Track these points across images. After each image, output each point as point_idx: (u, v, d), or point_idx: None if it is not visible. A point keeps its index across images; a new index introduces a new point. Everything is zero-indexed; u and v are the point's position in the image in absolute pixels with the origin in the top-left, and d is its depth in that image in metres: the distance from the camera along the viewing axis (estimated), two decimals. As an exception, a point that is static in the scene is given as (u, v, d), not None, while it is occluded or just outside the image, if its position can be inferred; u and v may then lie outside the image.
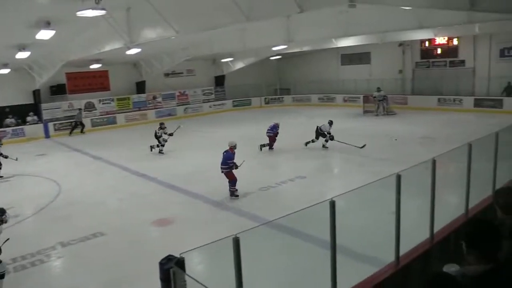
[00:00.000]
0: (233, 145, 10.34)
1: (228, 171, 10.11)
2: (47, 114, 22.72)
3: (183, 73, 28.87)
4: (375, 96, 23.47)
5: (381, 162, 12.42)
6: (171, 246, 5.56)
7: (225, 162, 10.11)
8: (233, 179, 10.14)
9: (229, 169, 10.09)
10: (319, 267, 4.81)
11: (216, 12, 11.00)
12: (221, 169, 10.23)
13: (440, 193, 5.76)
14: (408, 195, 4.93)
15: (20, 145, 19.81)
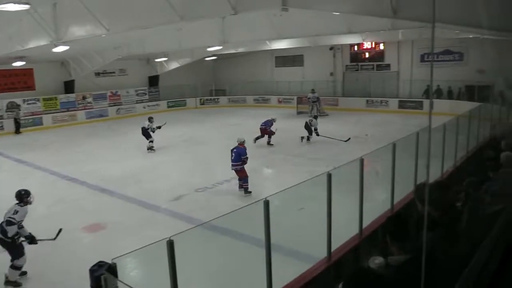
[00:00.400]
0: (242, 141, 10.54)
1: (241, 167, 10.13)
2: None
3: (115, 73, 27.84)
4: (309, 97, 24.20)
5: (315, 161, 12.83)
6: (103, 252, 5.36)
7: (239, 158, 10.11)
8: (245, 176, 10.16)
9: (242, 164, 10.11)
10: (255, 266, 4.88)
11: (149, 11, 10.75)
12: (233, 166, 10.25)
13: (369, 190, 6.07)
14: (339, 192, 5.15)
15: None
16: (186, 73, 29.70)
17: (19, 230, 6.37)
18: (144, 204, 9.83)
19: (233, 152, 10.31)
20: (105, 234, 8.18)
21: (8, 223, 6.14)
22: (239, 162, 10.17)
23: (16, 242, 6.27)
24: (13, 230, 6.19)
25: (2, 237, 6.19)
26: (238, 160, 10.17)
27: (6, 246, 6.32)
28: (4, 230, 6.17)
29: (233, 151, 10.30)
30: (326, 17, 14.31)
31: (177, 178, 11.97)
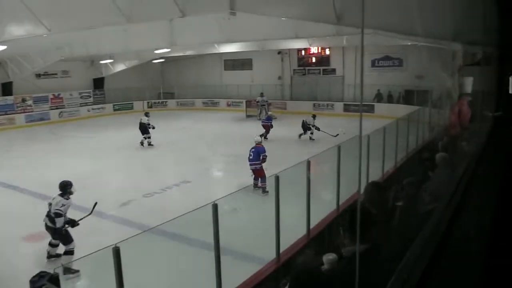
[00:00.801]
0: (260, 141, 10.81)
1: (260, 166, 10.13)
2: None
3: (58, 75, 26.62)
4: (258, 101, 24.44)
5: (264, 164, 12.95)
6: (45, 262, 5.16)
7: (258, 156, 10.15)
8: (263, 175, 10.07)
9: (262, 163, 10.14)
10: (205, 270, 4.87)
11: (94, 11, 10.42)
12: (252, 165, 10.28)
13: (315, 191, 6.25)
14: (288, 194, 5.26)
15: None
16: (133, 75, 29.01)
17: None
18: (89, 210, 9.47)
19: (251, 151, 10.40)
20: (46, 243, 7.79)
21: (56, 215, 6.83)
22: (258, 161, 10.23)
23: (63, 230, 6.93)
24: (61, 222, 6.88)
25: (52, 226, 6.89)
26: (257, 159, 10.24)
27: (56, 235, 6.98)
28: (53, 221, 6.84)
29: (252, 151, 10.39)
30: (274, 22, 14.53)
31: (124, 183, 11.66)
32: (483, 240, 2.22)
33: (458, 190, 2.77)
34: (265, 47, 23.54)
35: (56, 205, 6.95)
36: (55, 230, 6.90)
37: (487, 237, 2.24)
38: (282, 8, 8.84)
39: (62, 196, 7.10)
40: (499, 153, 4.45)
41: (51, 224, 6.90)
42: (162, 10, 9.75)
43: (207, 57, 28.80)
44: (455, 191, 2.77)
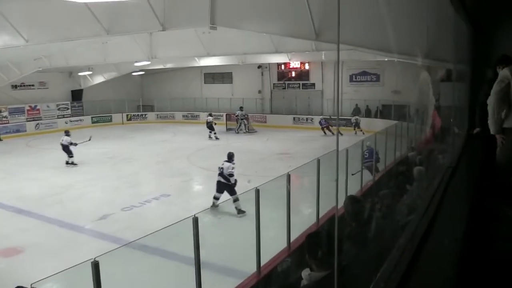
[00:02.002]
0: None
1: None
2: None
3: (35, 86, 26.16)
4: (237, 114, 24.53)
5: (243, 177, 12.96)
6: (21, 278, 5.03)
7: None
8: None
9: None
10: (185, 285, 4.84)
11: (73, 22, 10.35)
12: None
13: (296, 204, 6.30)
14: (267, 208, 5.29)
15: None
16: (112, 87, 28.73)
17: None
18: (65, 225, 9.31)
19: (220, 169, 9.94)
20: (22, 258, 7.61)
21: (230, 175, 9.62)
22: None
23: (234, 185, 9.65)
24: (234, 179, 9.66)
25: (227, 183, 9.62)
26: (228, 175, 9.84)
27: (228, 188, 9.63)
28: (228, 179, 9.62)
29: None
30: (254, 36, 14.71)
31: (102, 197, 11.50)
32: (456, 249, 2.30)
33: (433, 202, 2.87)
34: (246, 61, 23.74)
35: (228, 169, 9.67)
36: (229, 186, 9.60)
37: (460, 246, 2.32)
38: (261, 24, 8.97)
39: (230, 162, 9.80)
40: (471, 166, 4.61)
41: (225, 181, 9.65)
42: (142, 23, 9.76)
43: (187, 70, 28.84)
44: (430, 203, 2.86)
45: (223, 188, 9.61)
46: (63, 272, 3.21)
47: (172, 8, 9.09)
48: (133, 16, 9.67)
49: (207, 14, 8.56)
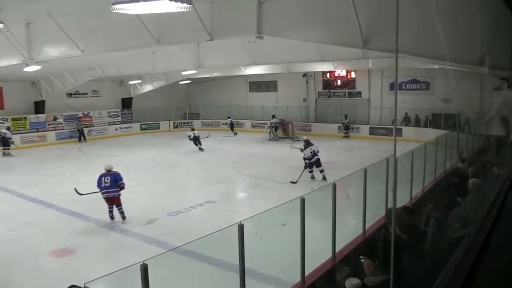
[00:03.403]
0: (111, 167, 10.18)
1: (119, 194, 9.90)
2: None
3: (88, 94, 27.51)
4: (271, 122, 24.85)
5: (287, 186, 12.93)
6: (72, 278, 5.25)
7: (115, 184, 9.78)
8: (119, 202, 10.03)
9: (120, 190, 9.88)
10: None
11: (126, 33, 10.78)
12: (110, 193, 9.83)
13: (340, 214, 6.18)
14: (311, 217, 5.22)
15: None
16: (160, 96, 29.65)
17: None
18: (114, 228, 9.64)
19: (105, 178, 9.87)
20: (75, 259, 7.94)
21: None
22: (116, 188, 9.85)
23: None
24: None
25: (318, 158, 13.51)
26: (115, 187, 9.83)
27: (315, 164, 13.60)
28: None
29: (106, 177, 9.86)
30: (299, 45, 14.70)
31: (149, 202, 11.81)
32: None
33: (489, 216, 2.72)
34: (290, 69, 23.77)
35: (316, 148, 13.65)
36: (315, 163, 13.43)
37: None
38: (308, 32, 8.96)
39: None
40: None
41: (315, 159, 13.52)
42: (191, 33, 10.00)
43: (233, 78, 29.25)
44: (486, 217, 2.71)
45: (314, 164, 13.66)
46: (113, 273, 3.30)
47: (220, 18, 9.26)
48: (182, 27, 9.94)
49: (253, 23, 8.68)
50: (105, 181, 9.82)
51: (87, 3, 9.49)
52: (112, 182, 9.80)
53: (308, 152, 13.66)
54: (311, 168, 13.78)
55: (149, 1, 5.92)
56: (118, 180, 9.90)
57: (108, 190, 9.80)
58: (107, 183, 9.80)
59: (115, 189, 9.82)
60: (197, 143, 20.41)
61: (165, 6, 5.99)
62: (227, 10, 9.16)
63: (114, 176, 9.94)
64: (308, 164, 13.71)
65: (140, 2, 6.03)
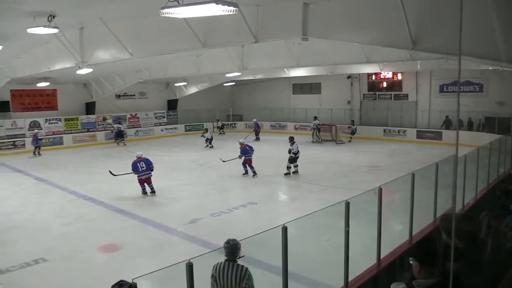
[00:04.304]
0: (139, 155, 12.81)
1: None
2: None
3: (135, 96, 28.46)
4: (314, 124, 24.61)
5: (330, 189, 12.77)
6: (119, 273, 5.42)
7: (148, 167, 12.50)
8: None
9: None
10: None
11: (173, 37, 11.03)
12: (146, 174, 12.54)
13: (386, 220, 6.02)
14: (355, 221, 5.12)
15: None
16: (204, 97, 30.15)
17: None
18: (159, 226, 9.88)
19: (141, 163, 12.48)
20: (121, 254, 8.21)
21: None
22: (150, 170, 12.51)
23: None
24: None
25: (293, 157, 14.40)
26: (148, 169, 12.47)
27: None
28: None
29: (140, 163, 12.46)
30: (344, 46, 14.48)
31: (192, 201, 12.02)
32: None
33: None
34: (335, 71, 23.44)
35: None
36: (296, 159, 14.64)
37: None
38: (354, 33, 8.80)
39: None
40: None
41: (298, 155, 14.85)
42: (236, 36, 10.08)
43: (276, 81, 29.27)
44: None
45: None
46: (160, 270, 3.38)
47: (265, 21, 9.28)
48: (227, 29, 10.04)
49: (299, 25, 8.63)
50: (142, 166, 12.42)
51: (137, 7, 9.78)
52: (146, 166, 12.45)
53: (295, 148, 14.95)
54: (292, 163, 14.98)
55: (197, 5, 6.01)
56: (150, 164, 12.58)
57: (144, 172, 12.42)
58: (143, 167, 12.42)
59: (149, 171, 12.49)
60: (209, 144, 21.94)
61: (212, 10, 6.06)
62: (272, 12, 9.16)
63: (146, 161, 12.60)
64: (293, 158, 14.91)
65: (188, 6, 6.15)
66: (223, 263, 4.40)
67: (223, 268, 4.35)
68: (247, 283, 4.36)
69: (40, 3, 8.77)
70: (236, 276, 4.31)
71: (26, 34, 9.83)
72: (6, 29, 10.81)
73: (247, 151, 14.96)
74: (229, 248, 4.41)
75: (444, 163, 7.95)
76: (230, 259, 4.39)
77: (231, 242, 4.45)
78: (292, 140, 15.26)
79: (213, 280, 4.38)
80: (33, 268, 7.53)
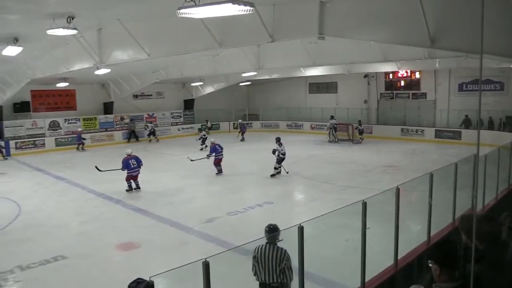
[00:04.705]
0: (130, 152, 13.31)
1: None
2: (9, 132, 21.96)
3: (152, 96, 28.74)
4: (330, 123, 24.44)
5: (347, 189, 12.68)
6: (136, 271, 5.48)
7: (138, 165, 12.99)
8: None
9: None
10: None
11: (189, 37, 11.09)
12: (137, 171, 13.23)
13: (403, 220, 5.95)
14: (372, 222, 5.07)
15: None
16: (220, 97, 30.26)
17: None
18: (176, 225, 9.94)
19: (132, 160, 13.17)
20: (138, 252, 8.30)
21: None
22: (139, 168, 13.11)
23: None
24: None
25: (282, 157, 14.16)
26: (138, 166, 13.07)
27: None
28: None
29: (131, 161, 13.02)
30: (361, 45, 14.35)
31: (209, 201, 12.08)
32: None
33: None
34: (351, 70, 23.26)
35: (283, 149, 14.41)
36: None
37: None
38: (371, 32, 8.70)
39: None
40: None
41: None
42: (253, 35, 10.07)
43: (292, 80, 29.19)
44: None
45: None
46: (177, 268, 3.40)
47: (281, 20, 9.25)
48: (243, 29, 10.03)
49: (315, 24, 8.58)
50: (133, 163, 13.12)
51: (154, 8, 9.87)
52: (137, 163, 13.20)
53: (284, 149, 14.75)
54: (280, 163, 14.73)
55: (213, 5, 6.03)
56: (139, 161, 13.32)
57: (135, 169, 13.14)
58: (134, 164, 13.13)
59: (138, 168, 13.22)
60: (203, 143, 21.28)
61: (228, 9, 6.07)
62: (289, 12, 9.12)
63: (136, 158, 13.32)
64: (281, 159, 14.68)
65: (204, 6, 6.17)
66: (264, 246, 4.82)
67: (265, 250, 4.78)
68: (286, 264, 4.73)
69: (60, 4, 8.92)
70: (276, 257, 4.72)
71: (46, 36, 10.00)
72: (27, 31, 11.04)
73: (217, 150, 15.21)
74: (270, 232, 4.89)
75: (464, 163, 7.83)
76: (271, 242, 4.82)
77: (272, 227, 4.99)
78: (279, 140, 15.05)
79: (255, 261, 4.83)
80: (53, 265, 7.67)
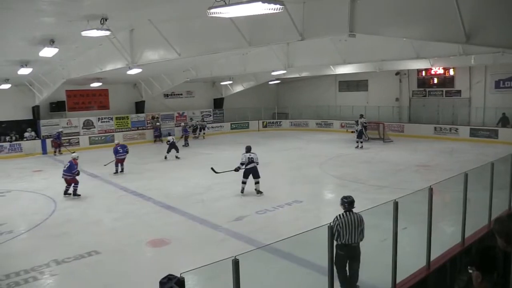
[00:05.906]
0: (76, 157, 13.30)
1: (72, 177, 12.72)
2: (46, 131, 22.77)
3: (183, 95, 29.15)
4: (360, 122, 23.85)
5: (377, 189, 12.48)
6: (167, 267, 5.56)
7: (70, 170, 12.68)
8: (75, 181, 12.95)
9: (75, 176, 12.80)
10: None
11: (219, 36, 11.19)
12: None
13: (436, 221, 5.81)
14: (404, 222, 4.98)
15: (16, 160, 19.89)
16: (250, 96, 30.37)
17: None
18: (205, 222, 10.04)
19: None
20: (169, 249, 8.44)
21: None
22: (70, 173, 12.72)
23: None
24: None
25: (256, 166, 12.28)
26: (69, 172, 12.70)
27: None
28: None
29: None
30: (392, 42, 14.09)
31: (238, 199, 12.12)
32: None
33: None
34: (383, 68, 22.86)
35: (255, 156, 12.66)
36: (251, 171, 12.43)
37: None
38: (403, 28, 8.53)
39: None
40: None
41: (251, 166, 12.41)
42: (282, 34, 10.05)
43: (322, 78, 28.93)
44: None
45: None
46: (207, 265, 3.44)
47: (311, 18, 9.19)
48: (273, 27, 10.02)
49: (346, 21, 8.48)
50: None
51: (185, 8, 10.00)
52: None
53: (245, 158, 12.24)
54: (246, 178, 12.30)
55: (243, 4, 6.05)
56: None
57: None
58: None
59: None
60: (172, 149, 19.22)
61: (258, 8, 6.08)
62: (319, 9, 9.04)
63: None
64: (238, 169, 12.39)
65: (234, 5, 6.20)
66: (344, 214, 5.80)
67: (346, 217, 5.72)
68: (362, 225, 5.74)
69: (94, 7, 9.17)
70: (356, 220, 5.67)
71: (81, 37, 10.30)
72: (62, 32, 11.41)
73: (118, 151, 16.22)
74: (347, 203, 5.88)
75: (500, 163, 7.57)
76: (349, 209, 5.84)
77: (349, 198, 5.93)
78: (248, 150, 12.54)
79: (339, 227, 5.62)
80: (87, 260, 7.90)
